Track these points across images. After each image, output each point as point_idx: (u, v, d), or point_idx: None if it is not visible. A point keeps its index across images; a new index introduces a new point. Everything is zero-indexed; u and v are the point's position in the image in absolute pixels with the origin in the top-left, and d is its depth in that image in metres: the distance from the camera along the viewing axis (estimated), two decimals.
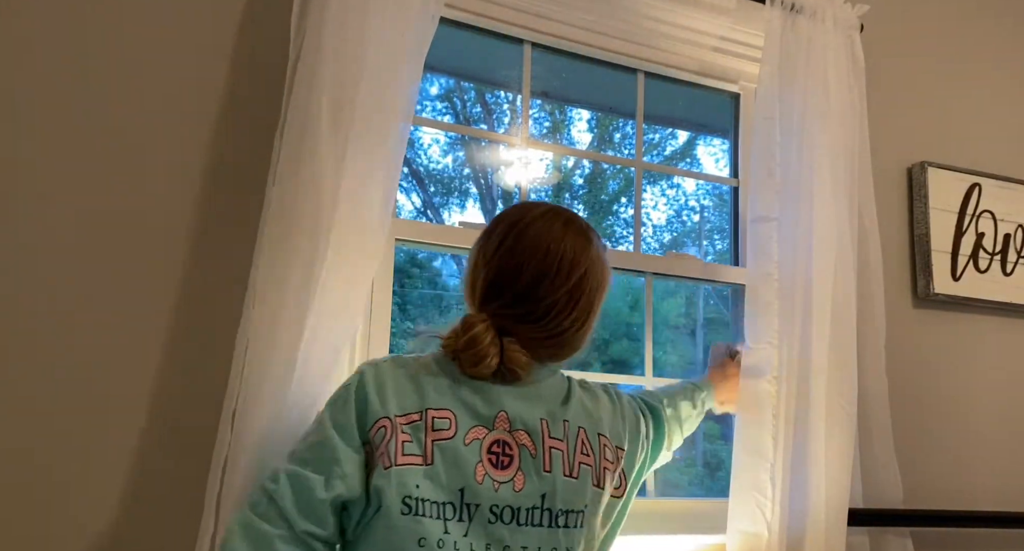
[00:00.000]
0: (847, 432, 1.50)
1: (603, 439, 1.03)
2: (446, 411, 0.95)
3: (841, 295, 1.55)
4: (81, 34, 1.23)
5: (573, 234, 1.05)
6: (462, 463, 0.92)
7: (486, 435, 0.95)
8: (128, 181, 1.22)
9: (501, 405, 0.98)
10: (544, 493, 0.95)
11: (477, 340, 0.97)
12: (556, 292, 1.01)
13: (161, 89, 1.26)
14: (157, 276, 1.21)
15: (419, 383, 0.98)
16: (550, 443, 0.97)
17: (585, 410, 1.04)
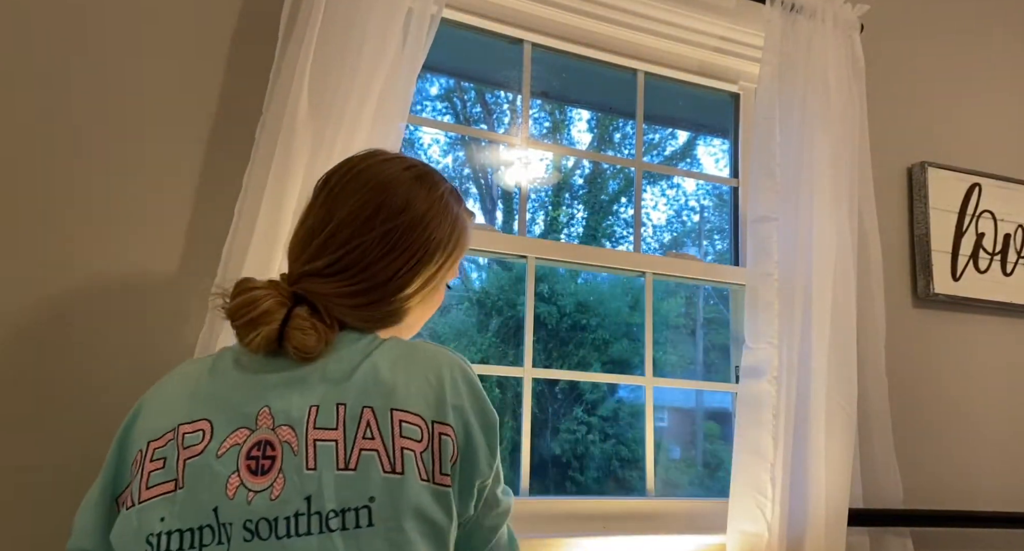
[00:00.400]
0: (847, 432, 1.50)
1: (399, 414, 0.79)
2: (200, 422, 0.80)
3: (841, 295, 1.55)
4: (75, 28, 1.23)
5: (415, 179, 0.89)
6: (213, 479, 0.77)
7: (247, 437, 0.79)
8: (128, 181, 1.22)
9: (265, 399, 0.80)
10: (309, 495, 0.76)
11: (248, 305, 0.80)
12: (371, 232, 0.84)
13: (153, 91, 1.26)
14: (156, 275, 1.21)
15: (185, 391, 0.83)
16: (314, 435, 0.78)
17: (379, 383, 0.80)
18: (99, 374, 1.16)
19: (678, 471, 2.66)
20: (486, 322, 2.54)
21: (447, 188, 0.93)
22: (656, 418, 1.64)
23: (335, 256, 0.84)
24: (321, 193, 0.89)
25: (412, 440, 0.79)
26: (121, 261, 1.20)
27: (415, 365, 0.82)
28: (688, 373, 2.37)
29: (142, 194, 1.22)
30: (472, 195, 2.60)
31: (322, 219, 0.85)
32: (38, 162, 1.17)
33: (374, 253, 0.85)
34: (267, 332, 0.80)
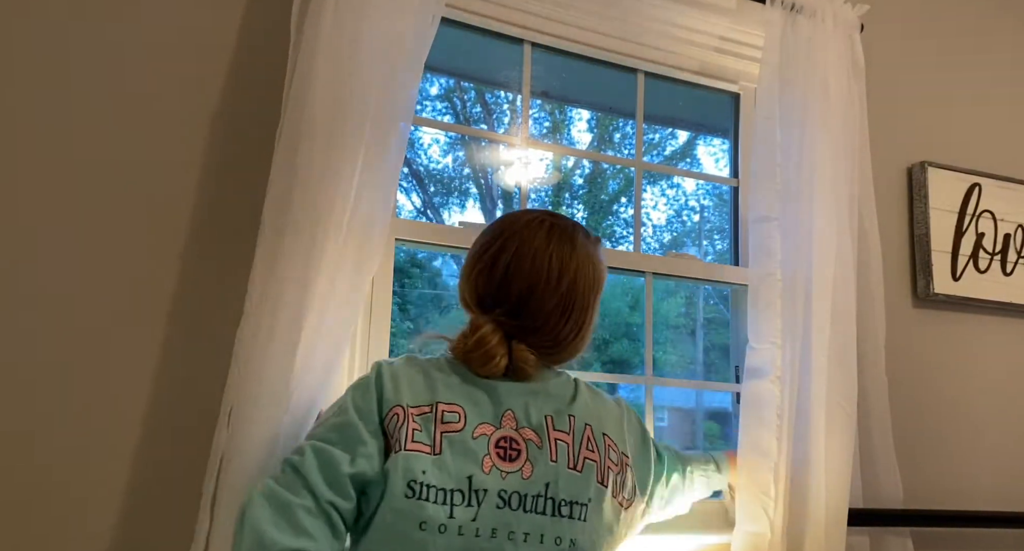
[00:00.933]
0: (847, 432, 1.50)
1: (608, 439, 1.05)
2: (456, 406, 0.98)
3: (841, 295, 1.55)
4: (76, 30, 1.23)
5: (557, 240, 1.07)
6: (470, 454, 0.95)
7: (493, 432, 0.98)
8: (128, 181, 1.22)
9: (508, 404, 1.01)
10: (548, 482, 0.96)
11: (485, 340, 1.01)
12: (548, 302, 1.04)
13: (161, 90, 1.26)
14: (156, 275, 1.21)
15: (431, 378, 1.01)
16: (555, 435, 1.00)
17: (590, 409, 1.07)
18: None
19: None
20: None
21: (582, 232, 1.11)
22: (656, 418, 1.64)
23: (524, 322, 1.04)
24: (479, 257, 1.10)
25: (612, 462, 1.04)
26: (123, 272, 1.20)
27: (606, 405, 1.12)
28: (688, 373, 2.37)
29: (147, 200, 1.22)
30: (472, 195, 2.60)
31: (499, 286, 1.05)
32: (37, 161, 1.17)
33: (554, 317, 1.05)
34: (500, 362, 1.02)
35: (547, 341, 1.05)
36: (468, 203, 2.60)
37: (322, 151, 1.18)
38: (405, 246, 1.49)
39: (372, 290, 1.37)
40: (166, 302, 1.21)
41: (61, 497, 1.11)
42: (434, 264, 2.69)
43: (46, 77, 1.20)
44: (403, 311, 2.64)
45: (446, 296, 2.70)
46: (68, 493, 1.11)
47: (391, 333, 1.40)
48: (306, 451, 0.94)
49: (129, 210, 1.21)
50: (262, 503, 0.90)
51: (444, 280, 2.70)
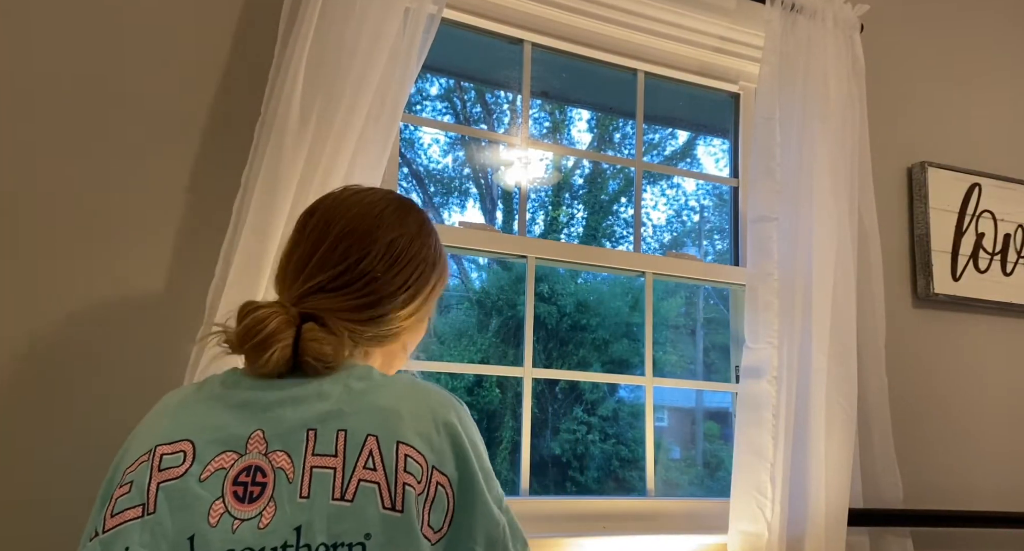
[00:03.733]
0: (847, 432, 1.50)
1: (404, 448, 0.74)
2: (181, 443, 0.75)
3: (841, 295, 1.55)
4: (73, 29, 1.23)
5: (398, 202, 0.91)
6: (192, 504, 0.72)
7: (235, 462, 0.73)
8: (127, 179, 1.22)
9: (258, 421, 0.75)
10: (299, 525, 0.71)
11: (256, 326, 0.76)
12: (373, 244, 0.84)
13: (151, 89, 1.26)
14: (154, 276, 1.21)
15: (167, 414, 0.79)
16: (312, 462, 0.73)
17: (383, 411, 0.76)
18: (93, 390, 1.16)
19: (678, 471, 2.66)
20: (486, 322, 2.54)
21: (424, 215, 0.93)
22: (656, 418, 1.64)
23: (337, 270, 0.82)
24: (309, 221, 0.87)
25: (414, 478, 0.73)
26: (110, 275, 1.20)
27: (421, 401, 0.79)
28: (688, 373, 2.37)
29: (134, 206, 1.22)
30: (472, 195, 2.60)
31: (316, 241, 0.84)
32: (25, 168, 1.17)
33: (378, 266, 0.83)
34: (281, 349, 0.76)
35: (362, 299, 0.82)
36: (468, 203, 2.61)
37: (292, 151, 1.18)
38: None
39: None
40: (149, 303, 1.21)
41: (58, 497, 1.11)
42: None
43: (37, 71, 1.20)
44: None
45: (446, 296, 2.71)
46: (66, 493, 1.11)
47: None
48: None
49: (128, 209, 1.22)
50: None
51: None
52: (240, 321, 0.77)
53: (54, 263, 1.16)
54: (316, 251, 0.83)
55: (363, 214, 0.86)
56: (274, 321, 0.76)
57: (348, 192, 0.90)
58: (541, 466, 2.45)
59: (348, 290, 0.82)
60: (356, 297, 0.82)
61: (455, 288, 2.84)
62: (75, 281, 1.17)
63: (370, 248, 0.84)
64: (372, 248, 0.84)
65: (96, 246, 1.19)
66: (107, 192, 1.21)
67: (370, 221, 0.85)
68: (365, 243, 0.84)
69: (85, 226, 1.19)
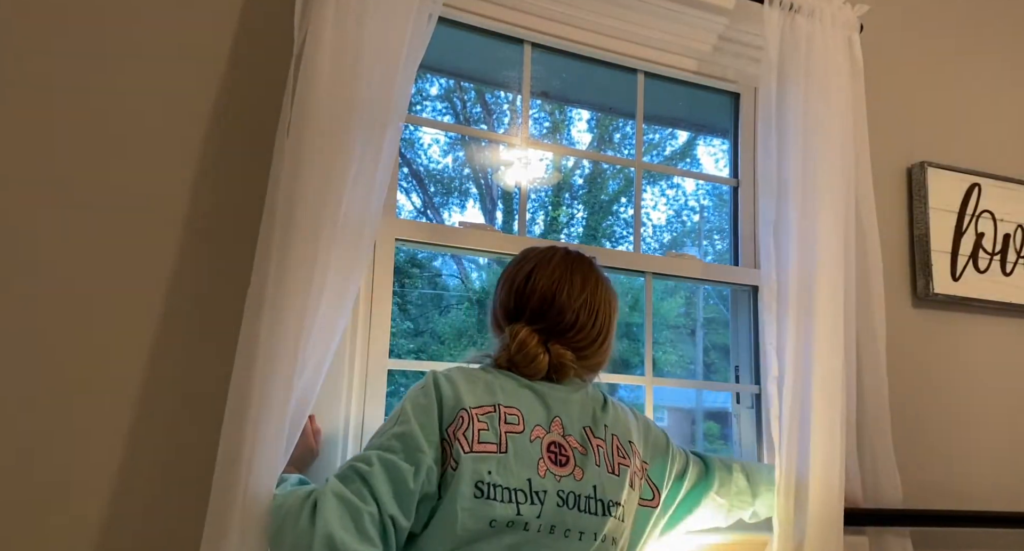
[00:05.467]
0: (846, 432, 1.50)
1: (633, 446, 1.14)
2: (515, 409, 1.05)
3: (841, 295, 1.55)
4: (77, 30, 1.23)
5: (576, 260, 1.20)
6: (528, 456, 1.02)
7: (545, 435, 1.05)
8: (127, 179, 1.22)
9: (556, 410, 1.09)
10: (595, 484, 1.05)
11: (526, 342, 1.10)
12: (573, 303, 1.14)
13: (160, 90, 1.26)
14: (156, 275, 1.21)
15: (486, 383, 1.07)
16: (596, 442, 1.09)
17: (618, 419, 1.15)
18: None
19: None
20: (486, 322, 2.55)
21: (596, 264, 1.23)
22: (656, 418, 1.64)
23: (554, 320, 1.13)
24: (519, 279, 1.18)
25: (637, 468, 1.14)
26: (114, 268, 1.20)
27: (628, 415, 1.19)
28: (688, 373, 2.37)
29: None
30: (472, 195, 2.60)
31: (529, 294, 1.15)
32: (37, 159, 1.18)
33: (581, 319, 1.14)
34: (545, 362, 1.11)
35: (575, 343, 1.14)
36: (468, 203, 2.61)
37: (326, 152, 1.18)
38: (405, 246, 1.49)
39: (372, 290, 1.37)
40: (164, 302, 1.21)
41: (60, 498, 1.11)
42: (434, 264, 2.69)
43: (44, 71, 1.20)
44: (403, 311, 2.64)
45: (446, 296, 2.70)
46: (69, 495, 1.12)
47: (391, 333, 1.40)
48: (373, 461, 0.97)
49: (128, 209, 1.22)
50: (334, 505, 0.94)
51: (444, 280, 2.70)
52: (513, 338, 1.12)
53: (58, 259, 1.16)
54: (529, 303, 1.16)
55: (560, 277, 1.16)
56: (534, 339, 1.12)
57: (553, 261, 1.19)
58: None
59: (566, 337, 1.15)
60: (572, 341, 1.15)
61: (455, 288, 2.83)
62: (81, 278, 1.17)
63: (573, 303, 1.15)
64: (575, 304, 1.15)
65: (104, 242, 1.19)
66: (117, 187, 1.21)
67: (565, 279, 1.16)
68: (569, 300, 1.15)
69: (92, 223, 1.19)
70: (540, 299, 1.14)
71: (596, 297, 1.17)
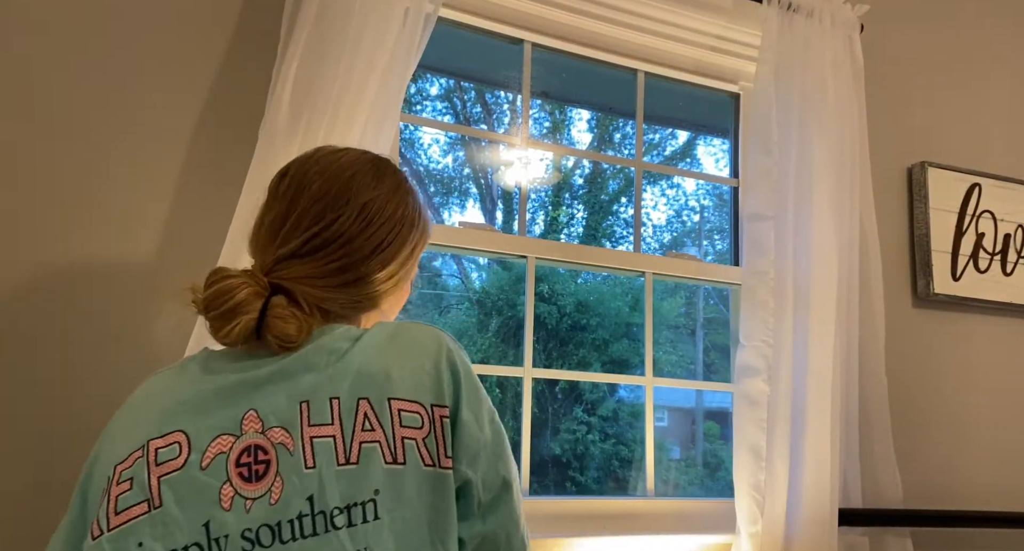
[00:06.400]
0: (844, 431, 1.50)
1: (397, 403, 0.75)
2: (174, 435, 0.74)
3: (841, 295, 1.55)
4: (65, 27, 1.23)
5: (374, 161, 0.89)
6: (201, 492, 0.72)
7: (233, 444, 0.73)
8: (114, 175, 1.22)
9: (250, 401, 0.75)
10: (311, 494, 0.72)
11: (224, 295, 0.75)
12: (346, 205, 0.82)
13: (153, 85, 1.26)
14: (142, 268, 1.21)
15: (153, 405, 0.78)
16: (310, 433, 0.74)
17: (371, 371, 0.76)
18: (72, 371, 1.16)
19: (678, 471, 2.66)
20: (486, 322, 2.55)
21: (404, 175, 0.91)
22: (656, 418, 1.64)
23: (310, 233, 0.80)
24: (282, 182, 0.85)
25: (413, 428, 0.75)
26: (102, 254, 1.20)
27: (407, 349, 0.78)
28: (688, 373, 2.37)
29: (128, 190, 1.23)
30: (472, 195, 2.60)
31: (287, 206, 0.82)
32: (26, 150, 1.18)
33: (353, 227, 0.81)
34: (245, 321, 0.75)
35: (336, 263, 0.81)
36: (468, 203, 2.61)
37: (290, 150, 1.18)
38: None
39: None
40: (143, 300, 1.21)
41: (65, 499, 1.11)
42: (434, 264, 2.70)
43: (37, 61, 1.20)
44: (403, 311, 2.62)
45: (446, 296, 2.71)
46: None
47: None
48: None
49: (118, 207, 1.22)
50: None
51: (444, 280, 2.70)
52: (207, 287, 0.76)
53: (59, 258, 1.16)
54: (289, 215, 0.81)
55: (337, 175, 0.84)
56: (242, 292, 0.75)
57: (321, 153, 0.88)
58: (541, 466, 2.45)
59: (321, 254, 0.80)
60: (329, 261, 0.80)
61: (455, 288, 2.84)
62: (81, 274, 1.17)
63: (343, 210, 0.81)
64: (345, 210, 0.82)
65: (84, 223, 1.19)
66: (103, 180, 1.21)
67: (344, 182, 0.83)
68: (339, 205, 0.82)
69: (80, 219, 1.19)
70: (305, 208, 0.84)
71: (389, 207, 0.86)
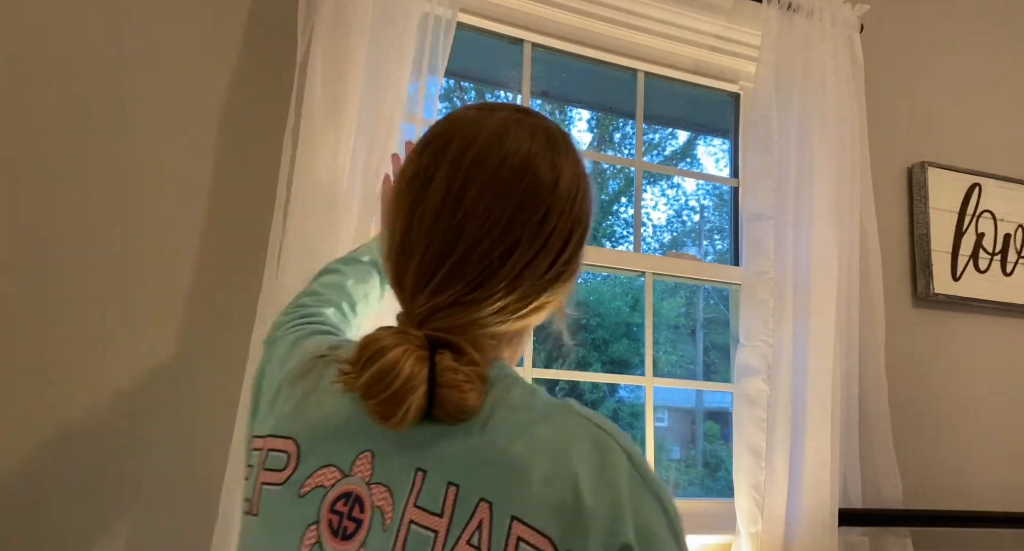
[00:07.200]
0: (843, 431, 1.50)
1: (518, 527, 0.54)
2: (285, 441, 0.63)
3: (841, 295, 1.55)
4: (82, 32, 1.23)
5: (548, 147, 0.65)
6: (287, 521, 0.61)
7: (336, 482, 0.60)
8: (138, 182, 1.22)
9: (369, 439, 0.61)
10: None
11: (387, 375, 0.56)
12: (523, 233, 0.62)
13: (167, 92, 1.26)
14: (167, 277, 1.21)
15: (295, 387, 0.67)
16: (411, 515, 0.57)
17: (507, 467, 0.56)
18: None
19: (678, 471, 2.66)
20: None
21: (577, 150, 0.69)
22: (656, 418, 1.64)
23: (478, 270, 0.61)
24: (432, 182, 0.63)
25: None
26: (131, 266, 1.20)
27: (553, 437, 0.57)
28: (688, 373, 2.37)
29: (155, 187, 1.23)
30: None
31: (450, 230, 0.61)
32: (38, 161, 1.17)
33: (529, 253, 0.62)
34: (419, 400, 0.57)
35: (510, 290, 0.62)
36: None
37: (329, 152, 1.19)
38: None
39: None
40: (179, 304, 1.21)
41: (79, 500, 1.11)
42: None
43: (49, 69, 1.20)
44: None
45: None
46: (88, 496, 1.11)
47: None
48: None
49: (140, 211, 1.21)
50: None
51: None
52: (364, 364, 0.58)
53: (68, 264, 1.16)
54: (451, 245, 0.61)
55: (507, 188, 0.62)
56: (407, 363, 0.57)
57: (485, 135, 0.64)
58: None
59: (489, 288, 0.61)
60: (503, 296, 0.62)
61: None
62: (93, 279, 1.17)
63: (521, 235, 0.62)
64: (524, 235, 0.62)
65: (116, 242, 1.19)
66: (127, 191, 1.21)
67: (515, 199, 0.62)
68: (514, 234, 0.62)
69: (101, 220, 1.18)
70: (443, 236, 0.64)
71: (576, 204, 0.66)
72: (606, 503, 0.54)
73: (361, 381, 0.58)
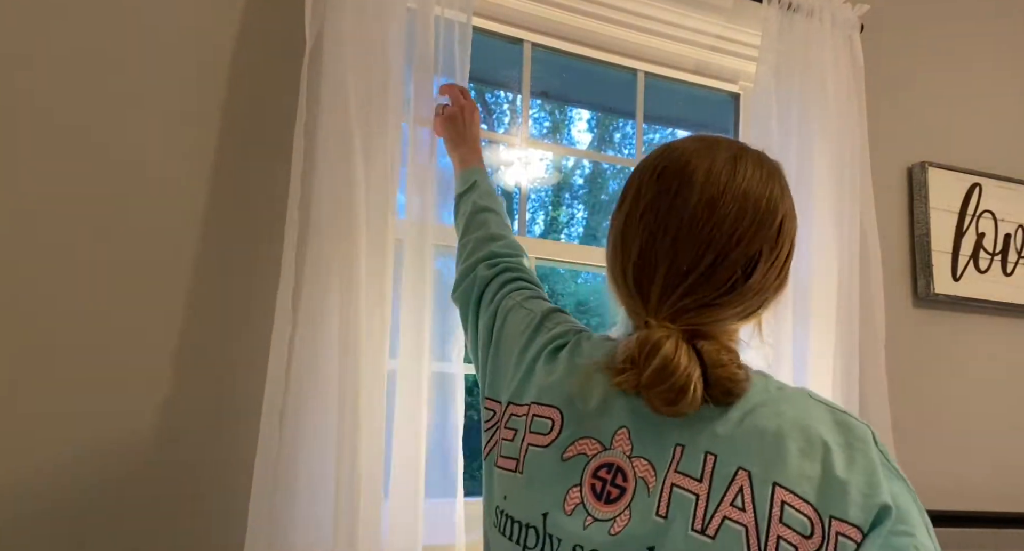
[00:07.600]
0: None
1: (781, 492, 0.62)
2: (551, 409, 0.73)
3: (841, 295, 1.55)
4: (86, 30, 1.23)
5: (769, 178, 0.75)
6: (552, 481, 0.69)
7: (598, 453, 0.69)
8: (144, 179, 1.22)
9: (623, 418, 0.69)
10: (652, 546, 0.63)
11: (669, 367, 0.64)
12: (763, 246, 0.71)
13: (170, 93, 1.26)
14: (176, 275, 1.21)
15: (556, 365, 0.77)
16: (673, 479, 0.65)
17: (764, 438, 0.64)
18: None
19: None
20: None
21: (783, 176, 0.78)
22: None
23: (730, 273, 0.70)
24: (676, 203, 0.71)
25: (795, 533, 0.60)
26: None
27: (798, 416, 0.66)
28: None
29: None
30: None
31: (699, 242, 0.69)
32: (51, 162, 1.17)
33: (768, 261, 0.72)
34: (699, 389, 0.65)
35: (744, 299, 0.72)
36: None
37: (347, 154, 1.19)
38: None
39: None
40: (187, 302, 1.21)
41: (96, 501, 1.11)
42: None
43: (50, 71, 1.20)
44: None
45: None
46: (103, 497, 1.11)
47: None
48: None
49: (146, 210, 1.21)
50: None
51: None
52: (647, 358, 0.66)
53: (79, 264, 1.16)
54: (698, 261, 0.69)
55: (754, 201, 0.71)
56: (681, 354, 0.65)
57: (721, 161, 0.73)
58: None
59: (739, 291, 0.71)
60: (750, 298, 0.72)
61: None
62: (103, 283, 1.17)
63: (762, 246, 0.71)
64: (764, 246, 0.71)
65: (124, 247, 1.19)
66: (136, 190, 1.21)
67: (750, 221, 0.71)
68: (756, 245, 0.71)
69: (110, 225, 1.19)
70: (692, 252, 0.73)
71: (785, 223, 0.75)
72: (859, 475, 0.62)
73: (646, 374, 0.65)
